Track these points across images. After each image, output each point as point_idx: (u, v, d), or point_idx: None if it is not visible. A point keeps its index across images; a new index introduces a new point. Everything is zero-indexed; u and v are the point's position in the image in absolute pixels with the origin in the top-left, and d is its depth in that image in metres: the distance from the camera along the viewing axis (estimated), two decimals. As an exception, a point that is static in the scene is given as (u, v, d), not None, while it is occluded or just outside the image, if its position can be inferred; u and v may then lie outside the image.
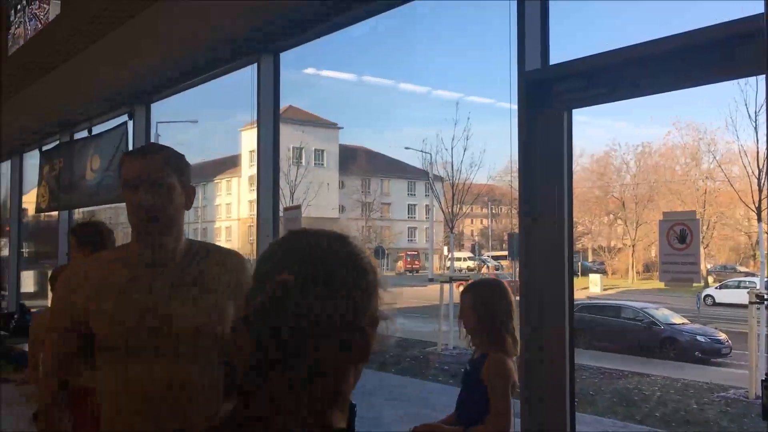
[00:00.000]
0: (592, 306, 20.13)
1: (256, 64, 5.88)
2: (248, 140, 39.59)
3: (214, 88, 6.98)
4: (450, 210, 23.58)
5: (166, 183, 2.04)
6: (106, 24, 7.27)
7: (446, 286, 18.52)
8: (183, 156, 2.20)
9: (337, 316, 0.99)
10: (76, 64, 8.05)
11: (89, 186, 8.59)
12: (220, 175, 42.69)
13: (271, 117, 5.90)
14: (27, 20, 9.92)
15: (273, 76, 5.87)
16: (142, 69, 6.63)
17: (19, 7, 10.24)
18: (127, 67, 6.92)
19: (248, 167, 38.51)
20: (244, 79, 6.58)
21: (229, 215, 41.48)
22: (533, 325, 3.38)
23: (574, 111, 3.46)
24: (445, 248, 34.04)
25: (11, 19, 10.52)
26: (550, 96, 3.46)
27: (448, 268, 29.68)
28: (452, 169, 24.11)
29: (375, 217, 40.26)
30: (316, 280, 1.00)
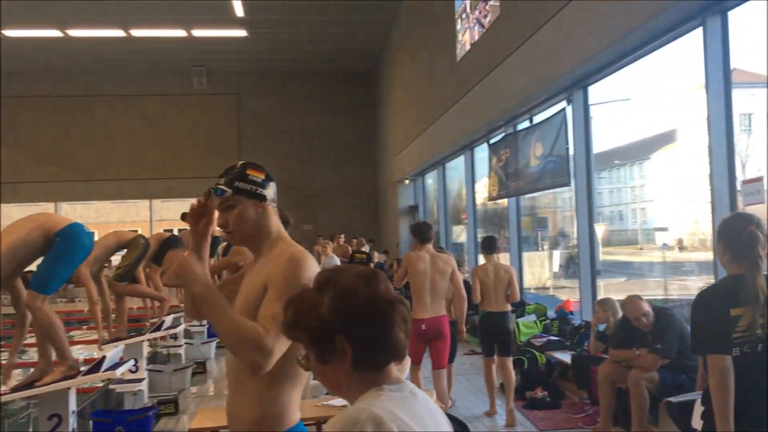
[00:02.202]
0: None
1: (701, 28, 5.46)
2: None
3: (646, 64, 6.70)
4: None
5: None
6: (543, 16, 7.55)
7: None
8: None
9: None
10: (517, 60, 8.55)
11: (533, 173, 9.05)
12: (657, 150, 41.00)
13: (720, 82, 5.41)
14: (471, 27, 10.90)
15: (721, 38, 5.37)
16: (581, 54, 6.70)
17: (464, 15, 11.30)
18: (566, 55, 7.08)
19: (686, 140, 36.13)
20: (676, 50, 6.17)
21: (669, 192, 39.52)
22: None
23: None
24: None
25: (457, 29, 11.69)
26: None
27: None
28: None
29: None
30: None
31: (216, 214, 2.28)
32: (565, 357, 7.32)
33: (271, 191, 2.29)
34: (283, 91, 22.20)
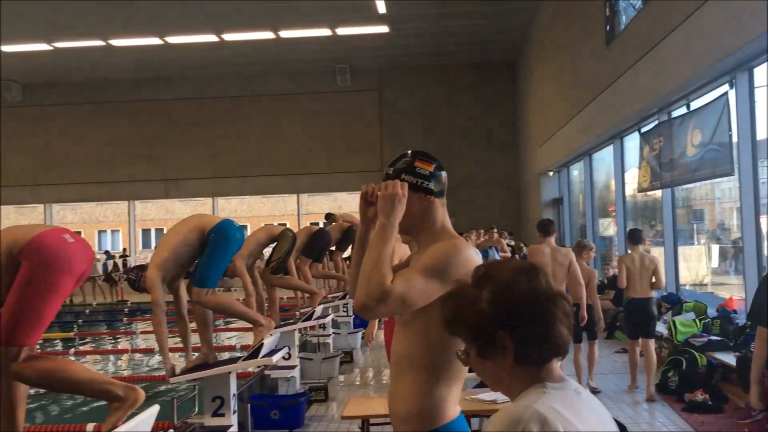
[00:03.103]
0: None
1: None
2: None
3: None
4: None
5: None
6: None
7: None
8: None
9: None
10: (673, 42, 8.07)
11: (690, 162, 8.52)
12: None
13: None
14: (621, 10, 10.42)
15: None
16: (745, 34, 6.20)
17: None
18: (728, 35, 6.59)
19: None
20: None
21: None
22: None
23: None
24: None
25: (606, 13, 11.21)
26: None
27: None
28: None
29: None
30: None
31: None
32: (729, 359, 6.85)
33: (439, 183, 2.28)
34: (424, 84, 22.33)
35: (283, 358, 6.31)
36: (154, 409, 3.22)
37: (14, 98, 22.66)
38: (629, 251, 7.36)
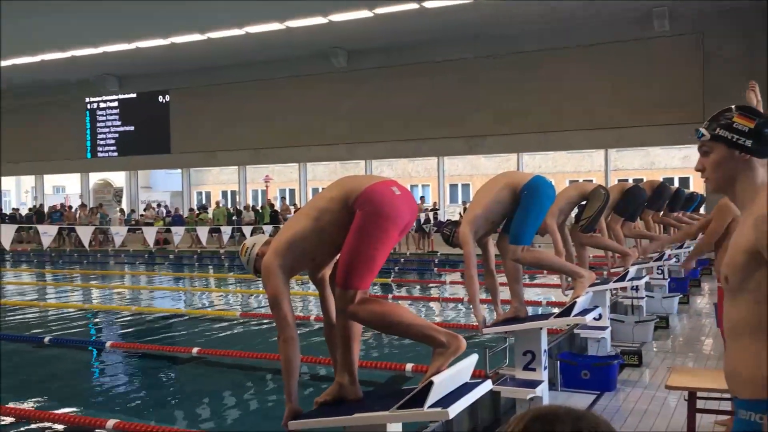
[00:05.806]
0: None
1: None
2: None
3: None
4: None
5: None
6: None
7: None
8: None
9: None
10: None
11: None
12: None
13: None
14: None
15: None
16: None
17: None
18: None
19: None
20: None
21: None
22: None
23: None
24: None
25: None
26: None
27: None
28: None
29: None
30: None
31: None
32: None
33: (761, 142, 2.06)
34: (753, 27, 19.65)
35: (594, 318, 6.12)
36: (473, 359, 3.30)
37: (341, 64, 25.00)
38: None
